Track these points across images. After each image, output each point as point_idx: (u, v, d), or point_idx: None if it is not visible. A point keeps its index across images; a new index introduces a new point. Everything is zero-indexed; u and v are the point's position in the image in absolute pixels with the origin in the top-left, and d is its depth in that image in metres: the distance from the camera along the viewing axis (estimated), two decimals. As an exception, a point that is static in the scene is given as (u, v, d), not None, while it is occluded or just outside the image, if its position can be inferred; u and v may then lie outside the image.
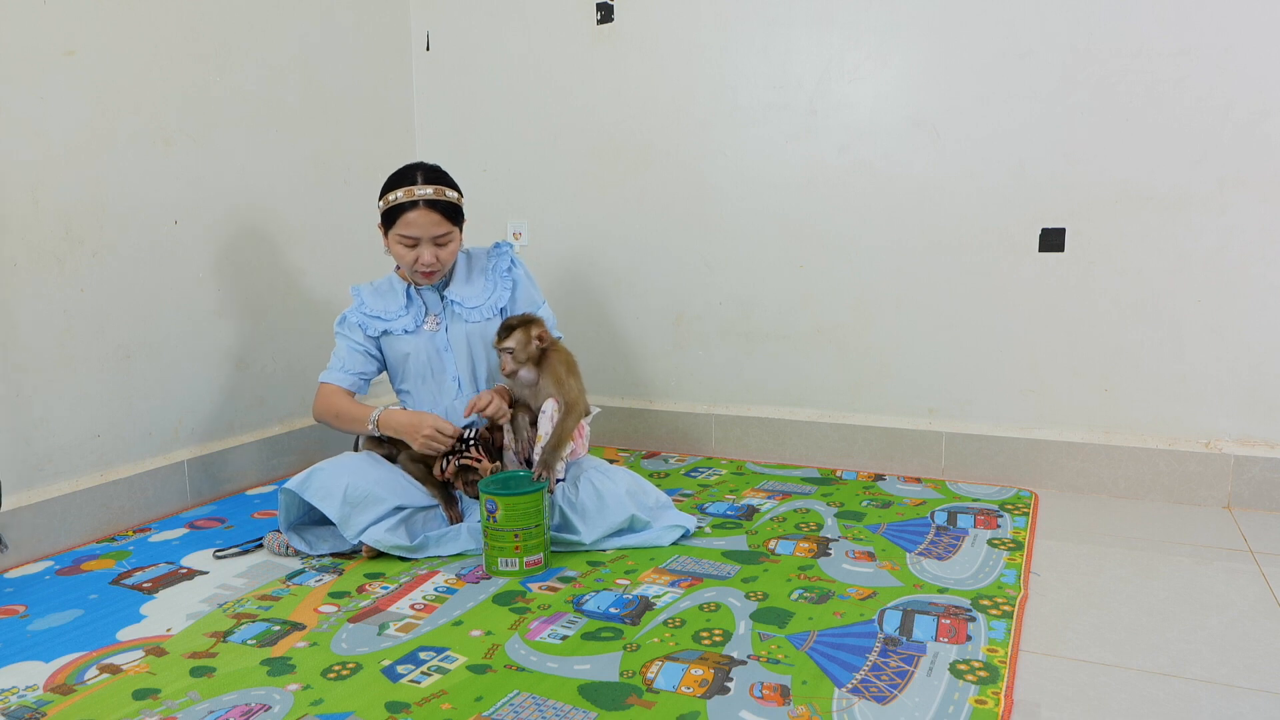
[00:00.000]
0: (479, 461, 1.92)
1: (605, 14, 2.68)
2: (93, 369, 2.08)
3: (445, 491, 1.98)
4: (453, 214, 1.98)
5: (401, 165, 2.03)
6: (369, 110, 2.83)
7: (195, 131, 2.28)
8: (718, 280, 2.65)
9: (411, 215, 1.93)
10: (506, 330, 1.96)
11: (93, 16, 2.04)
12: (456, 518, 1.97)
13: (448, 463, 1.93)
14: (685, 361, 2.74)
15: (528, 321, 1.97)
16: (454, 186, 2.01)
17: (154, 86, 2.18)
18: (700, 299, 2.69)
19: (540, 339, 1.96)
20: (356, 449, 2.10)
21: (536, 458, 1.91)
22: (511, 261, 2.14)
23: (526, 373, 1.97)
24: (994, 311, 2.34)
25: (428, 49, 2.97)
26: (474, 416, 1.99)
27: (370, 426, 1.96)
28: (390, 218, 1.96)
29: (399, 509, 1.91)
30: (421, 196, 1.93)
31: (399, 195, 1.94)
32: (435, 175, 1.99)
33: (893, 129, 2.38)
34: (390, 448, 2.04)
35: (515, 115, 2.86)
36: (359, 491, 1.86)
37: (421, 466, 1.99)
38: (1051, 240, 2.26)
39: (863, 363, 2.52)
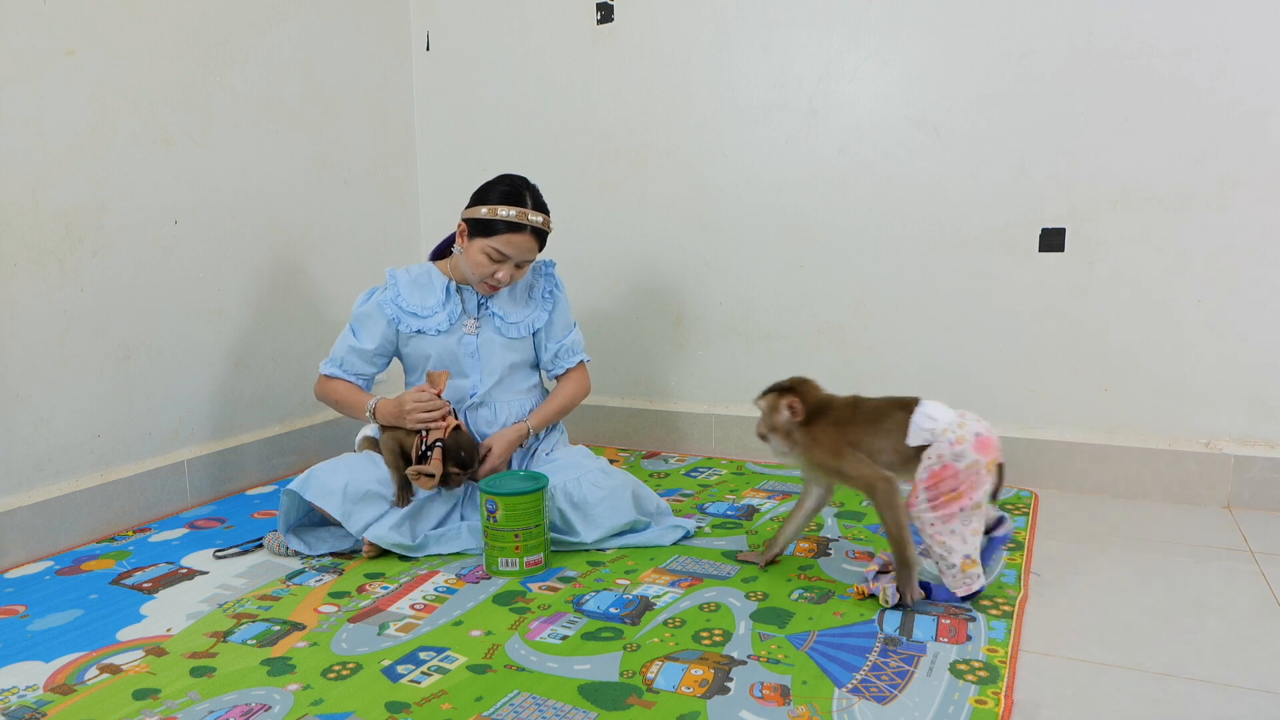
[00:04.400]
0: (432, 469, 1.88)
1: (605, 14, 2.68)
2: (93, 369, 2.08)
3: (405, 479, 1.93)
4: (544, 243, 2.01)
5: (502, 175, 2.01)
6: (369, 110, 2.83)
7: (195, 131, 2.28)
8: (718, 280, 2.65)
9: (515, 238, 1.93)
10: (768, 389, 1.70)
11: (93, 16, 2.04)
12: (404, 503, 1.92)
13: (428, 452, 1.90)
14: (685, 361, 2.74)
15: (790, 389, 1.67)
16: (550, 215, 2.03)
17: (154, 86, 2.18)
18: (700, 299, 2.69)
19: (791, 409, 1.64)
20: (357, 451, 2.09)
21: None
22: (556, 284, 2.15)
23: (778, 443, 1.68)
24: (994, 311, 2.34)
25: (428, 49, 2.97)
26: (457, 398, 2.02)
27: (367, 415, 1.98)
28: (489, 229, 1.93)
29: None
30: (533, 223, 1.94)
31: (510, 214, 1.92)
32: (541, 201, 2.00)
33: (893, 129, 2.38)
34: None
35: (515, 115, 2.86)
36: (358, 488, 1.85)
37: (393, 453, 1.94)
38: (1051, 240, 2.26)
39: (863, 363, 2.52)
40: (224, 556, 1.93)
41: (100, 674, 1.43)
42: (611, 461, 2.54)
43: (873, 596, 1.62)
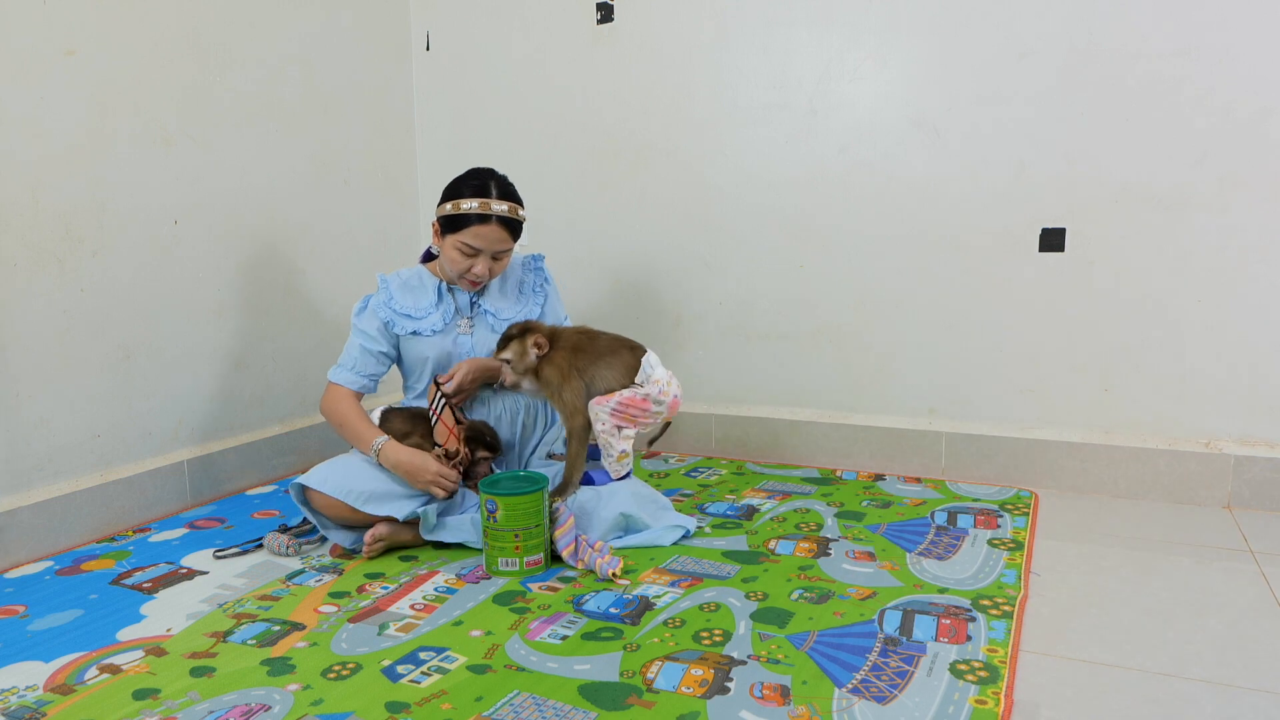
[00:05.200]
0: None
1: (605, 14, 2.68)
2: (93, 369, 2.08)
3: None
4: (517, 233, 1.99)
5: (469, 169, 2.01)
6: (369, 110, 2.83)
7: (195, 131, 2.28)
8: (718, 280, 2.65)
9: (482, 229, 1.92)
10: (504, 341, 1.95)
11: (93, 16, 2.04)
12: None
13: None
14: (685, 361, 2.74)
15: (526, 330, 1.95)
16: (522, 204, 2.01)
17: (154, 86, 2.18)
18: (700, 299, 2.69)
19: (538, 346, 1.93)
20: None
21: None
22: (545, 278, 2.15)
23: (529, 384, 1.97)
24: (994, 311, 2.34)
25: (428, 49, 2.97)
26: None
27: (371, 454, 1.91)
28: (456, 225, 1.93)
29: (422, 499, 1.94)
30: (497, 212, 1.92)
31: (473, 206, 1.91)
32: (508, 190, 1.98)
33: (893, 129, 2.38)
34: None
35: (515, 115, 2.86)
36: (398, 490, 1.89)
37: None
38: (1051, 240, 2.26)
39: (863, 363, 2.52)
40: (224, 556, 1.93)
41: (100, 674, 1.43)
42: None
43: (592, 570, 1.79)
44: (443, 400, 1.92)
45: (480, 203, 1.92)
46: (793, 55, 2.47)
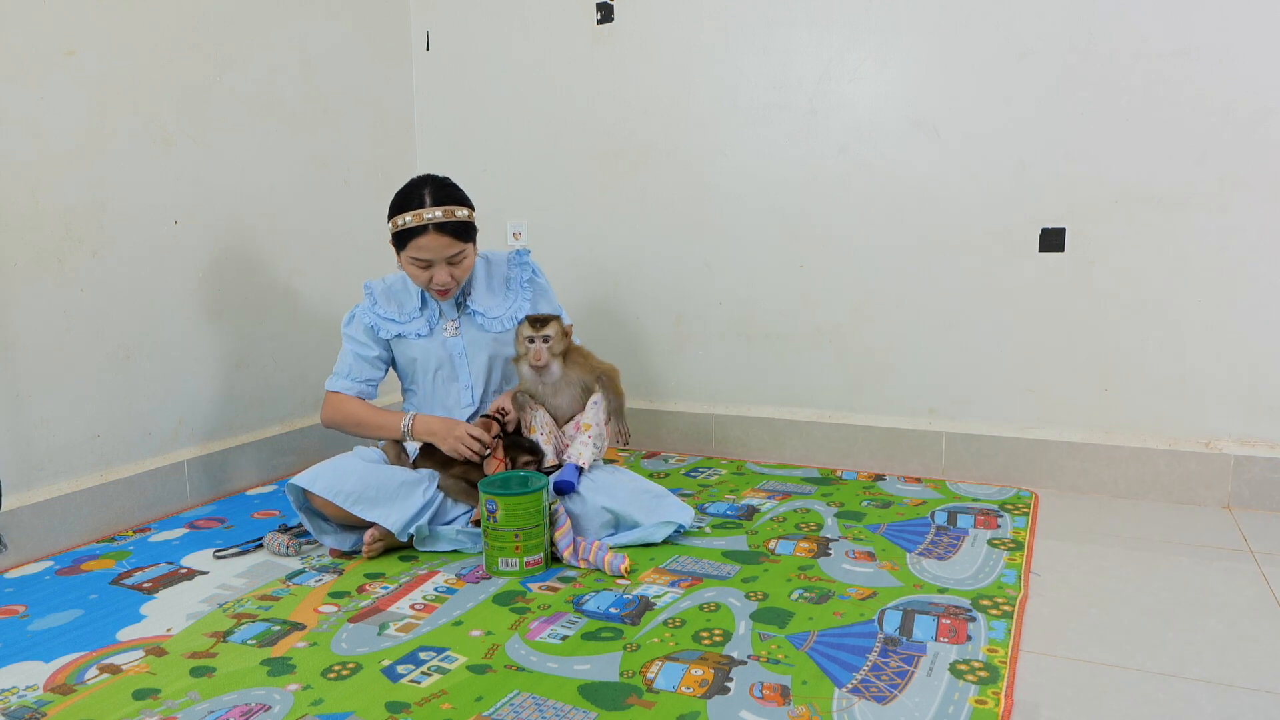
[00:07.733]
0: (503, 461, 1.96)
1: (605, 14, 2.68)
2: (93, 369, 2.08)
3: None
4: (464, 233, 1.93)
5: (410, 179, 1.96)
6: (369, 110, 2.83)
7: (195, 131, 2.28)
8: (718, 280, 2.65)
9: (422, 240, 1.88)
10: (543, 321, 1.98)
11: (93, 16, 2.04)
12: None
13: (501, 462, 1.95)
14: (685, 361, 2.74)
15: (558, 317, 2.03)
16: (463, 202, 1.95)
17: (154, 86, 2.18)
18: (700, 299, 2.69)
19: (567, 335, 2.04)
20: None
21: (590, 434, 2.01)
22: (534, 272, 2.14)
23: (556, 367, 2.00)
24: (994, 311, 2.34)
25: (428, 49, 2.97)
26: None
27: (403, 433, 1.95)
28: (400, 241, 1.91)
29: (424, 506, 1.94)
30: (431, 220, 1.87)
31: (408, 219, 1.88)
32: (444, 193, 1.92)
33: (893, 129, 2.38)
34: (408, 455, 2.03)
35: (515, 115, 2.86)
36: (390, 493, 1.88)
37: (461, 483, 1.96)
38: (1051, 240, 2.26)
39: (863, 363, 2.52)
40: (224, 556, 1.93)
41: (100, 674, 1.43)
42: (609, 461, 2.54)
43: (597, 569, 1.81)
44: (499, 435, 1.97)
45: (413, 215, 1.88)
46: (793, 55, 2.47)
